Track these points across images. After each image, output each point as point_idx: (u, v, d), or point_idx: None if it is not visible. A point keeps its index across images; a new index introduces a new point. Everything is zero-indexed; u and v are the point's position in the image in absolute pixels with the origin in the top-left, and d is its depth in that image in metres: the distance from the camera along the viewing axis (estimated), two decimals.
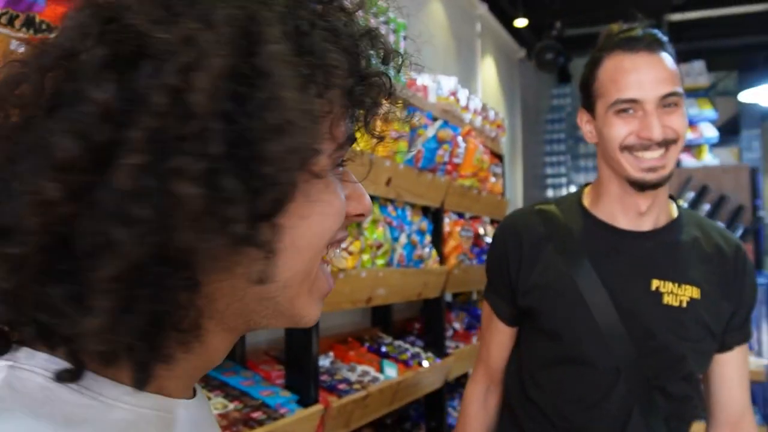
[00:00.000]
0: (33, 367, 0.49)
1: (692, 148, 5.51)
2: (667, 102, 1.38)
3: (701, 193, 4.99)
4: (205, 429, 0.63)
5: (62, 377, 0.49)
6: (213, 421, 0.68)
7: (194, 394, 0.62)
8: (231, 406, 1.63)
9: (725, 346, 1.47)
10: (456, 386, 3.16)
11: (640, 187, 1.42)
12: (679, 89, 1.39)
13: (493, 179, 3.64)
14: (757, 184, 5.33)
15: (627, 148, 1.39)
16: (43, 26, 1.10)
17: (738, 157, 6.50)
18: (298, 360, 1.89)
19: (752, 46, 6.08)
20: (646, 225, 1.46)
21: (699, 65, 5.54)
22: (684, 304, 1.41)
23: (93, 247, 0.46)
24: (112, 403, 0.51)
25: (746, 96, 6.58)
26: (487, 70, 5.19)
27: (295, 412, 1.77)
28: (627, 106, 1.39)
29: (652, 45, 1.40)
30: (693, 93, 5.68)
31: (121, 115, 0.46)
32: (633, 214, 1.46)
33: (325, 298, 0.63)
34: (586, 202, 1.53)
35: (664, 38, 1.44)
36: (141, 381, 0.51)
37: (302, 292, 0.59)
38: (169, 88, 0.46)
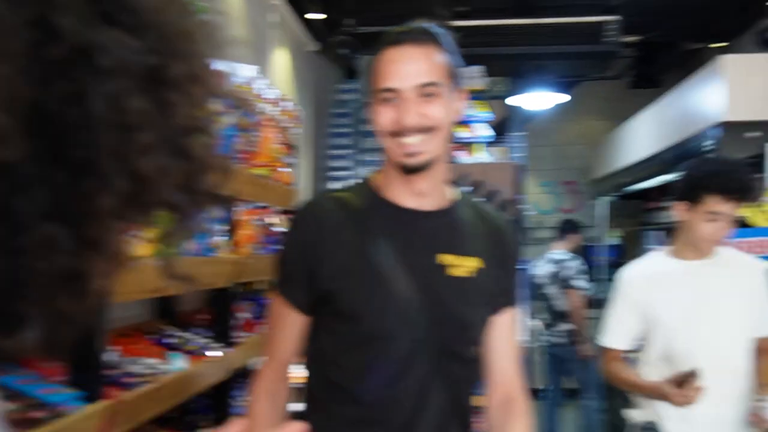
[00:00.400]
0: None
1: (467, 145, 5.94)
2: (426, 92, 1.47)
3: (476, 188, 5.40)
4: None
5: None
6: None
7: None
8: (9, 406, 1.50)
9: (497, 310, 1.65)
10: (242, 375, 3.15)
11: (405, 170, 1.52)
12: (439, 80, 1.48)
13: (284, 169, 3.67)
14: (521, 180, 5.87)
15: (390, 135, 1.50)
16: None
17: (506, 156, 7.10)
18: (82, 354, 1.78)
19: (521, 55, 6.68)
20: (428, 205, 1.57)
21: (476, 69, 5.96)
22: (467, 274, 1.56)
23: None
24: None
25: (513, 101, 7.23)
26: (280, 62, 5.19)
27: (82, 408, 1.67)
28: (388, 95, 1.49)
29: (419, 38, 1.50)
30: (471, 96, 6.10)
31: None
32: (414, 195, 1.56)
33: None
34: (375, 186, 1.62)
35: (438, 32, 1.54)
36: None
37: None
38: None
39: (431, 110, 1.48)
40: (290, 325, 1.61)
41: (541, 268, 6.24)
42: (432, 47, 1.50)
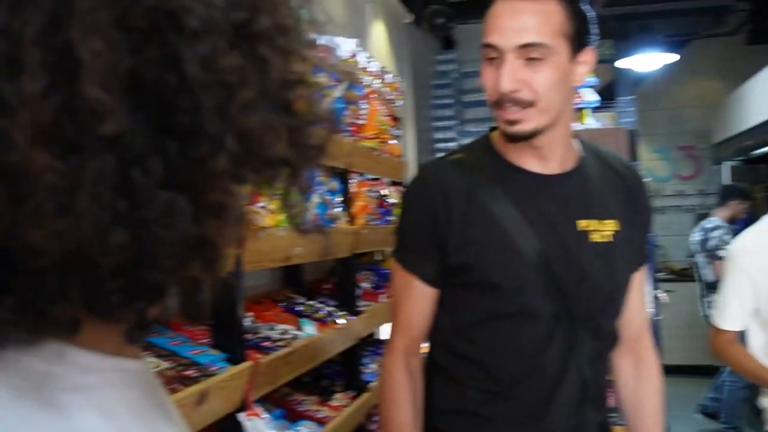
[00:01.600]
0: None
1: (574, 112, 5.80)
2: (530, 54, 1.31)
3: None
4: (158, 390, 0.61)
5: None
6: (158, 382, 0.65)
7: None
8: (164, 364, 1.61)
9: (634, 272, 1.56)
10: (367, 344, 3.24)
11: (508, 138, 1.41)
12: (549, 41, 1.30)
13: (392, 141, 3.71)
14: (635, 146, 5.68)
15: (491, 103, 1.39)
16: None
17: (615, 122, 6.89)
18: (224, 319, 1.89)
19: (626, 15, 6.44)
20: (554, 168, 1.44)
21: None
22: (610, 239, 1.45)
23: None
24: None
25: (622, 63, 6.98)
26: (378, 35, 5.23)
27: (225, 370, 1.77)
28: (490, 53, 1.35)
29: None
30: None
31: None
32: (535, 160, 1.44)
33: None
34: (497, 146, 1.48)
35: None
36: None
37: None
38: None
39: (535, 78, 1.32)
40: (419, 298, 1.49)
41: (693, 235, 6.02)
42: (553, 2, 1.32)
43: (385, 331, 4.25)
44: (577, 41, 1.36)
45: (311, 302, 2.79)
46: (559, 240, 1.42)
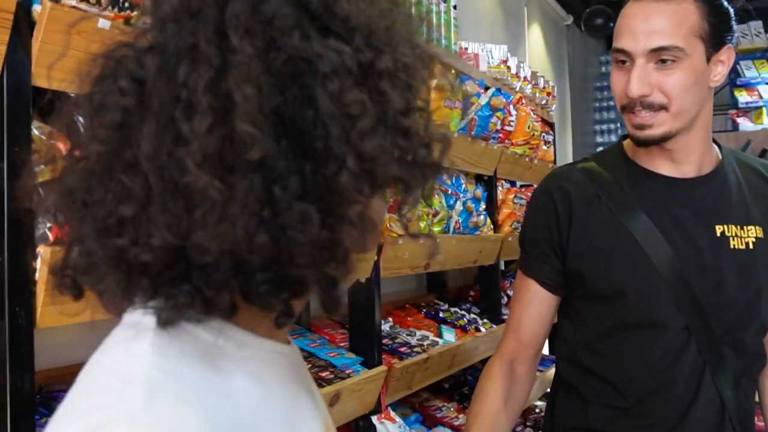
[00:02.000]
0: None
1: (750, 111, 5.38)
2: (662, 57, 1.25)
3: (761, 157, 4.89)
4: (305, 372, 0.76)
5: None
6: (305, 366, 0.81)
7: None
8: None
9: None
10: None
11: (638, 143, 1.35)
12: (683, 44, 1.24)
13: (544, 147, 3.64)
14: None
15: (621, 108, 1.34)
16: (126, 4, 1.16)
17: None
18: (362, 324, 1.96)
19: None
20: (690, 172, 1.38)
21: (756, 25, 5.38)
22: (751, 246, 1.35)
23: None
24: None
25: None
26: (535, 38, 5.14)
27: (360, 373, 1.84)
28: (620, 57, 1.30)
29: None
30: (750, 54, 5.53)
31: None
32: (668, 163, 1.37)
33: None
34: (629, 152, 1.44)
35: None
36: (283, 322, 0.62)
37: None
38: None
39: (667, 82, 1.25)
40: (532, 301, 1.45)
41: None
42: (687, 2, 1.26)
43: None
44: (715, 41, 1.28)
45: (454, 309, 2.81)
46: (693, 246, 1.34)
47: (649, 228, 1.34)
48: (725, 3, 1.32)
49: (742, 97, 5.30)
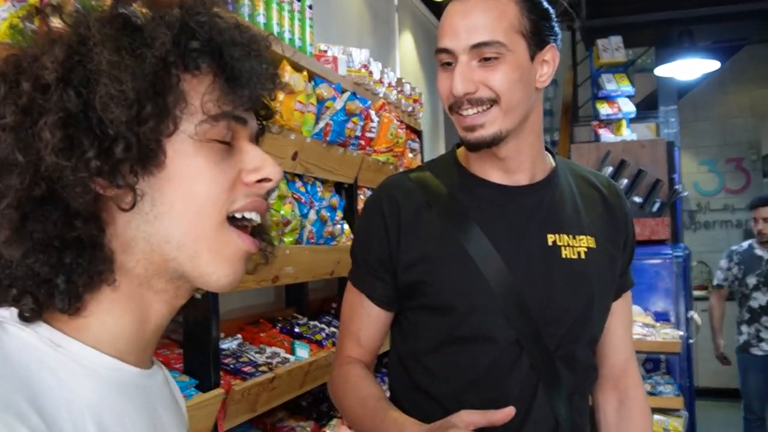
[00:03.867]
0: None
1: (611, 123, 5.59)
2: (484, 54, 1.21)
3: (619, 168, 5.06)
4: (162, 402, 0.78)
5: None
6: (172, 392, 0.84)
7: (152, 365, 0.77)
8: None
9: (614, 297, 1.41)
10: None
11: (468, 147, 1.30)
12: (503, 39, 1.21)
13: (410, 155, 3.60)
14: (673, 158, 5.44)
15: (448, 108, 1.29)
16: None
17: (656, 133, 6.65)
18: (197, 342, 1.80)
19: (668, 21, 6.20)
20: (522, 180, 1.33)
21: (616, 40, 5.60)
22: (583, 255, 1.31)
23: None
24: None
25: (662, 71, 6.73)
26: (406, 45, 5.13)
27: (193, 397, 1.68)
28: (444, 58, 1.26)
29: None
30: (612, 68, 5.76)
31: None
32: (500, 171, 1.33)
33: (245, 260, 0.74)
34: (462, 160, 1.38)
35: None
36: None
37: (201, 251, 0.70)
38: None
39: (492, 77, 1.21)
40: (367, 317, 1.39)
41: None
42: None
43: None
44: (537, 39, 1.25)
45: (313, 323, 2.69)
46: (524, 256, 1.29)
47: (479, 238, 1.29)
48: (545, 2, 1.29)
49: (604, 109, 5.49)
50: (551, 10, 1.29)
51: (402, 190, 1.37)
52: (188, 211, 0.69)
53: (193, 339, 1.81)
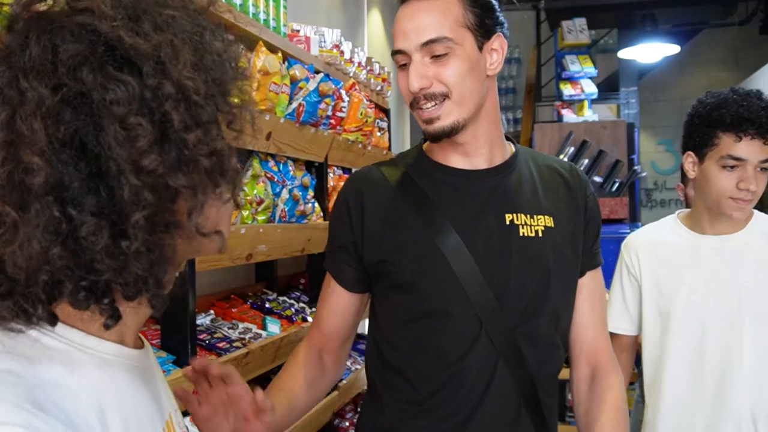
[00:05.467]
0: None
1: (573, 103, 5.70)
2: (434, 51, 1.30)
3: (581, 148, 5.19)
4: (151, 375, 0.82)
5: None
6: (158, 368, 0.89)
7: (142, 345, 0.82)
8: None
9: (578, 274, 1.47)
10: None
11: (430, 138, 1.39)
12: (450, 34, 1.30)
13: (378, 134, 3.64)
14: (633, 139, 5.59)
15: (409, 105, 1.38)
16: None
17: (617, 113, 6.80)
18: (174, 318, 1.84)
19: (631, 4, 6.32)
20: (481, 164, 1.42)
21: (581, 22, 5.70)
22: (540, 234, 1.39)
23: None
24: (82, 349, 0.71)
25: (625, 54, 6.87)
26: (374, 23, 5.15)
27: (171, 373, 1.73)
28: (400, 60, 1.35)
29: None
30: (575, 50, 5.86)
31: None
32: (460, 156, 1.42)
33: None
34: (427, 151, 1.48)
35: None
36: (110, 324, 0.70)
37: (228, 214, 0.81)
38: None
39: (443, 72, 1.30)
40: (332, 298, 1.49)
41: None
42: None
43: (363, 327, 4.23)
44: (483, 30, 1.34)
45: (283, 298, 2.75)
46: (482, 234, 1.37)
47: (439, 218, 1.37)
48: None
49: (567, 90, 5.60)
50: (493, 1, 1.38)
51: (367, 179, 1.47)
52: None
53: (170, 316, 1.85)
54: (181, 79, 0.67)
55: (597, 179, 5.10)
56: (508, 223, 1.38)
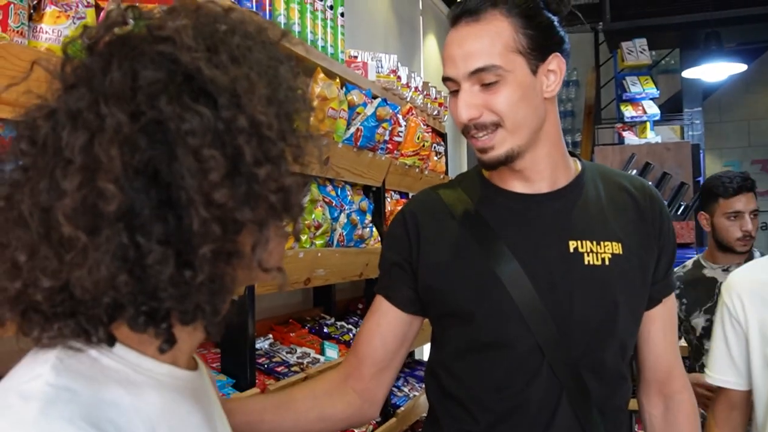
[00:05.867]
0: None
1: (635, 125, 5.59)
2: (484, 79, 1.24)
3: (644, 171, 5.07)
4: (205, 397, 0.83)
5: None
6: (212, 388, 0.90)
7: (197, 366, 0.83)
8: None
9: (651, 301, 1.39)
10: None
11: (485, 166, 1.33)
12: (500, 62, 1.23)
13: (435, 158, 3.64)
14: (698, 161, 5.44)
15: (463, 132, 1.31)
16: None
17: (680, 135, 6.64)
18: (234, 343, 1.86)
19: (693, 23, 6.18)
20: (543, 187, 1.35)
21: (641, 42, 5.60)
22: (607, 262, 1.31)
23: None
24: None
25: (689, 74, 6.71)
26: (430, 48, 5.17)
27: (230, 396, 1.74)
28: (450, 86, 1.30)
29: (475, 9, 1.25)
30: (636, 71, 5.76)
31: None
32: (520, 181, 1.35)
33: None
34: (485, 172, 1.41)
35: None
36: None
37: (283, 245, 0.81)
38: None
39: (493, 101, 1.24)
40: (379, 317, 1.41)
41: None
42: (494, 18, 1.24)
43: (422, 352, 4.18)
44: (537, 52, 1.27)
45: (341, 323, 2.75)
46: (543, 263, 1.30)
47: (498, 245, 1.31)
48: (546, 14, 1.29)
49: (628, 111, 5.50)
50: (553, 19, 1.30)
51: (424, 203, 1.42)
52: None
53: (230, 339, 1.87)
54: (254, 113, 0.67)
55: None
56: (571, 251, 1.31)
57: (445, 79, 1.30)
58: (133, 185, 0.63)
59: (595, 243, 1.32)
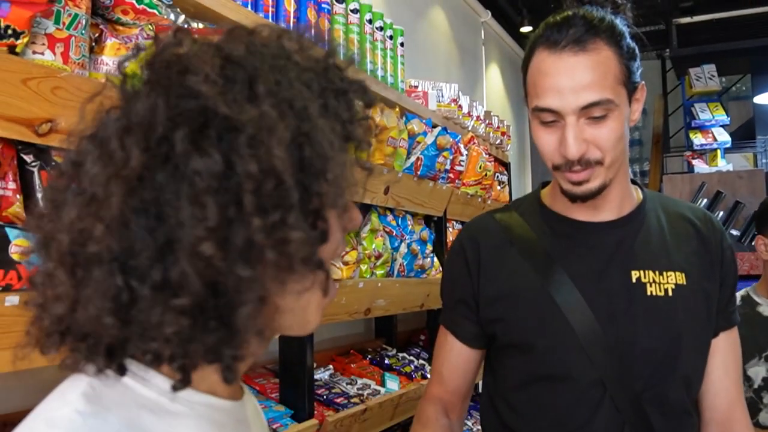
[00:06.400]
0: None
1: (705, 153, 5.42)
2: (595, 113, 1.16)
3: (715, 200, 4.90)
4: (247, 428, 0.78)
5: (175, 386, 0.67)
6: (258, 418, 0.85)
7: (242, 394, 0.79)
8: None
9: (712, 335, 1.33)
10: None
11: (572, 198, 1.26)
12: (612, 95, 1.16)
13: (498, 187, 3.60)
14: None
15: (554, 167, 1.24)
16: (9, 31, 1.07)
17: (753, 163, 6.40)
18: (293, 373, 1.85)
19: (765, 48, 5.99)
20: (607, 216, 1.30)
21: (710, 68, 5.45)
22: (670, 293, 1.26)
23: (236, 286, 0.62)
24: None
25: (762, 99, 6.49)
26: (493, 77, 5.14)
27: (288, 427, 1.72)
28: (546, 117, 1.20)
29: (582, 37, 1.16)
30: (705, 97, 5.60)
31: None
32: (587, 210, 1.30)
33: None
34: (546, 199, 1.37)
35: (606, 19, 1.19)
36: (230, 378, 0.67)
37: (314, 301, 0.72)
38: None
39: (601, 135, 1.17)
40: (450, 354, 1.39)
41: None
42: (600, 47, 1.16)
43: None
44: (631, 81, 1.20)
45: (402, 354, 2.71)
46: (605, 293, 1.25)
47: (559, 275, 1.26)
48: (630, 41, 1.23)
49: (697, 139, 5.34)
50: (634, 46, 1.24)
51: (484, 230, 1.38)
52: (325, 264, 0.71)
53: (288, 370, 1.86)
54: (270, 158, 0.62)
55: (734, 232, 4.79)
56: (634, 281, 1.26)
57: (543, 110, 1.20)
58: (128, 224, 0.60)
59: (657, 273, 1.27)
